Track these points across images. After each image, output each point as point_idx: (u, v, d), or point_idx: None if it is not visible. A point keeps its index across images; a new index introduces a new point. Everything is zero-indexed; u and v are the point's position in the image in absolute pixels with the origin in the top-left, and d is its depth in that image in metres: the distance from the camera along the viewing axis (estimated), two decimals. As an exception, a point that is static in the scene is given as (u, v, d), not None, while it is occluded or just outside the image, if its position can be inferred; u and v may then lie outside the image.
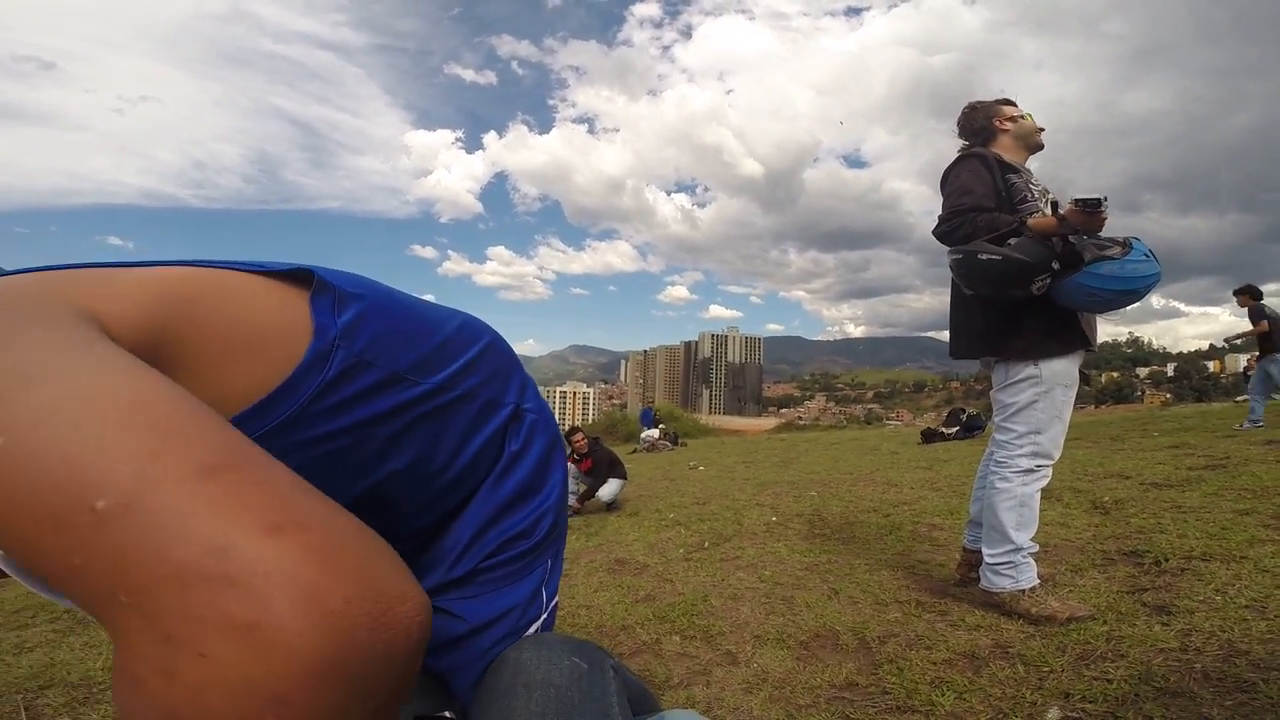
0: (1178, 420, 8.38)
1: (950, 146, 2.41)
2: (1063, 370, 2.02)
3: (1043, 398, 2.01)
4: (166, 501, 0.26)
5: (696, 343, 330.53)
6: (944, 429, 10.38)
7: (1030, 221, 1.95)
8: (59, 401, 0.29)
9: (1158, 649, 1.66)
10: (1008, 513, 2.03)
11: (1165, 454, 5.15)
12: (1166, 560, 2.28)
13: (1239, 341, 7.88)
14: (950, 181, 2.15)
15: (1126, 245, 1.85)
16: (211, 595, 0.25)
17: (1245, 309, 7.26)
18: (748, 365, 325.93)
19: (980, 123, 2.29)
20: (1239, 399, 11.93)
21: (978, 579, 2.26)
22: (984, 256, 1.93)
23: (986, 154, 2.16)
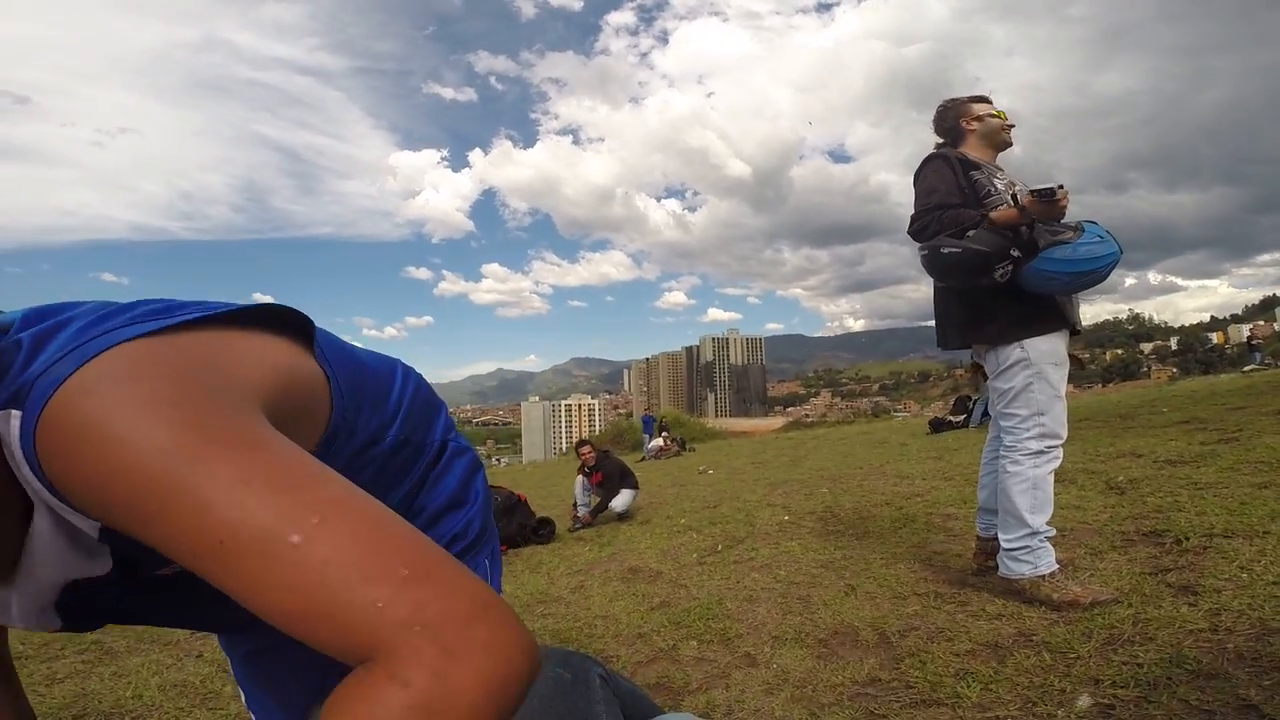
0: (1186, 395, 8.31)
1: (931, 137, 2.49)
2: (1049, 350, 2.06)
3: (1036, 379, 2.04)
4: (443, 569, 0.43)
5: (698, 347, 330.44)
6: (951, 417, 10.30)
7: (993, 215, 2.04)
8: (347, 496, 0.45)
9: (1187, 630, 1.62)
10: (1021, 496, 2.00)
11: (1176, 430, 5.10)
12: (1187, 539, 2.24)
13: None
14: (918, 183, 2.27)
15: (1079, 229, 1.96)
16: (484, 630, 0.41)
17: None
18: (750, 366, 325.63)
19: (950, 122, 2.39)
20: (1246, 369, 11.84)
21: (994, 567, 2.23)
22: (945, 250, 2.03)
23: (949, 154, 2.26)
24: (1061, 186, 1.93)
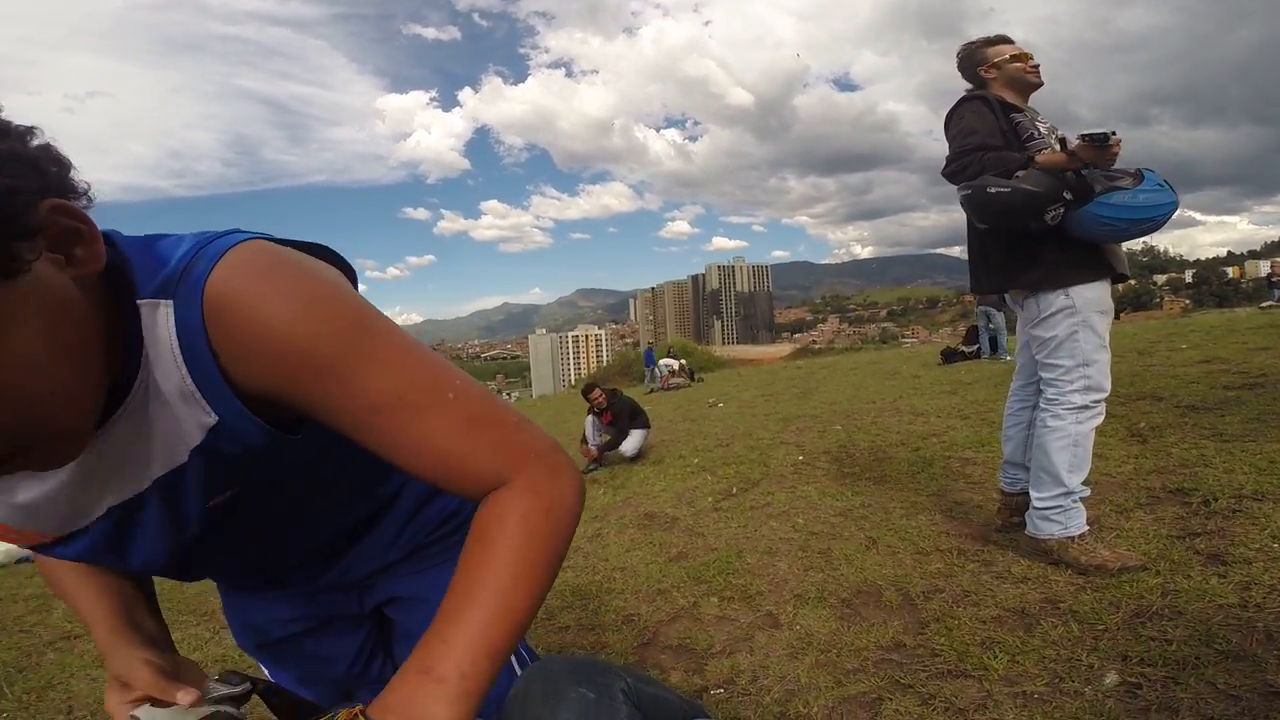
0: (1205, 330, 8.17)
1: (945, 66, 2.43)
2: (1096, 298, 1.97)
3: (1082, 328, 1.95)
4: (528, 421, 0.61)
5: (703, 275, 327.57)
6: (964, 347, 10.21)
7: (1039, 158, 1.95)
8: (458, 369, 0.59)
9: (1216, 605, 1.61)
10: (1060, 453, 1.95)
11: (1197, 370, 5.01)
12: (1215, 500, 2.21)
13: None
14: (954, 124, 2.16)
15: (1138, 176, 1.87)
16: (565, 459, 0.61)
17: None
18: (757, 293, 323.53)
19: (969, 73, 2.28)
20: (1264, 305, 11.58)
21: (1020, 524, 2.22)
22: (993, 189, 1.94)
23: (988, 95, 2.15)
24: (1115, 132, 1.82)
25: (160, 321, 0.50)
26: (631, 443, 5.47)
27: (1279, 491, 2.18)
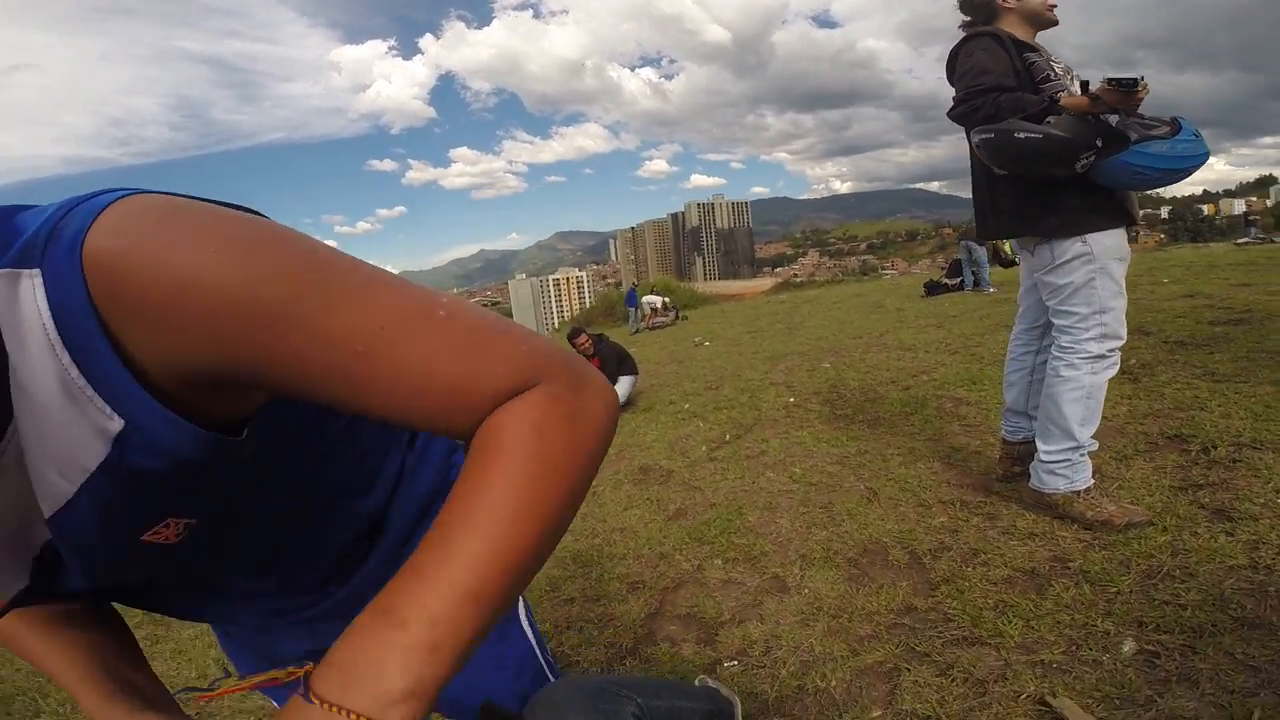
0: (1184, 265, 8.20)
1: (927, 6, 2.20)
2: (1114, 245, 1.91)
3: (1100, 275, 1.89)
4: (537, 333, 0.52)
5: (683, 213, 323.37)
6: (947, 280, 10.20)
7: (1063, 101, 1.85)
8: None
9: (1226, 565, 1.60)
10: (1073, 405, 1.91)
11: (1182, 305, 5.03)
12: (1215, 448, 2.21)
13: None
14: (962, 62, 2.03)
15: (1174, 125, 1.79)
16: (592, 372, 0.50)
17: None
18: (737, 229, 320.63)
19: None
20: (1239, 242, 11.69)
21: (1022, 474, 2.21)
22: (1021, 135, 1.83)
23: (999, 32, 2.01)
24: (1142, 78, 1.73)
25: (23, 297, 0.36)
26: (620, 390, 5.43)
27: (1278, 440, 2.18)
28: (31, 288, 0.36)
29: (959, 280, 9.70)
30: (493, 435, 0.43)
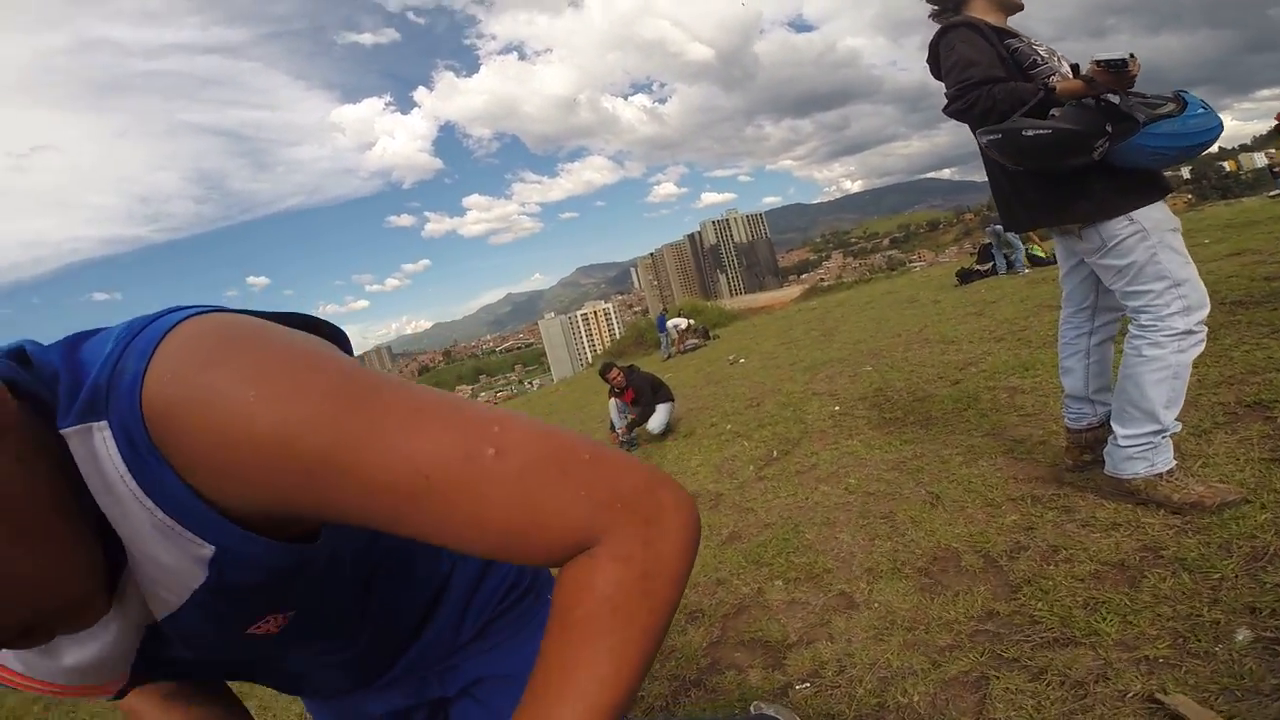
0: (1221, 225, 7.85)
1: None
2: (1163, 217, 1.80)
3: (1160, 248, 1.77)
4: (607, 449, 0.47)
5: (699, 233, 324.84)
6: (979, 266, 9.94)
7: (1058, 87, 1.78)
8: (490, 407, 0.47)
9: (1341, 538, 1.47)
10: (1157, 386, 1.78)
11: (1230, 265, 4.78)
12: (1302, 408, 2.05)
13: None
14: (945, 57, 1.96)
15: (1180, 101, 1.72)
16: (666, 494, 0.46)
17: None
18: (756, 241, 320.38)
19: None
20: (1271, 194, 11.18)
21: (1093, 461, 2.08)
22: (1030, 133, 1.76)
23: (974, 20, 1.95)
24: (1133, 55, 1.67)
25: (99, 453, 0.39)
26: (658, 419, 5.36)
27: (1373, 392, 2.02)
28: (104, 440, 0.39)
29: (990, 265, 9.46)
30: (568, 611, 0.44)
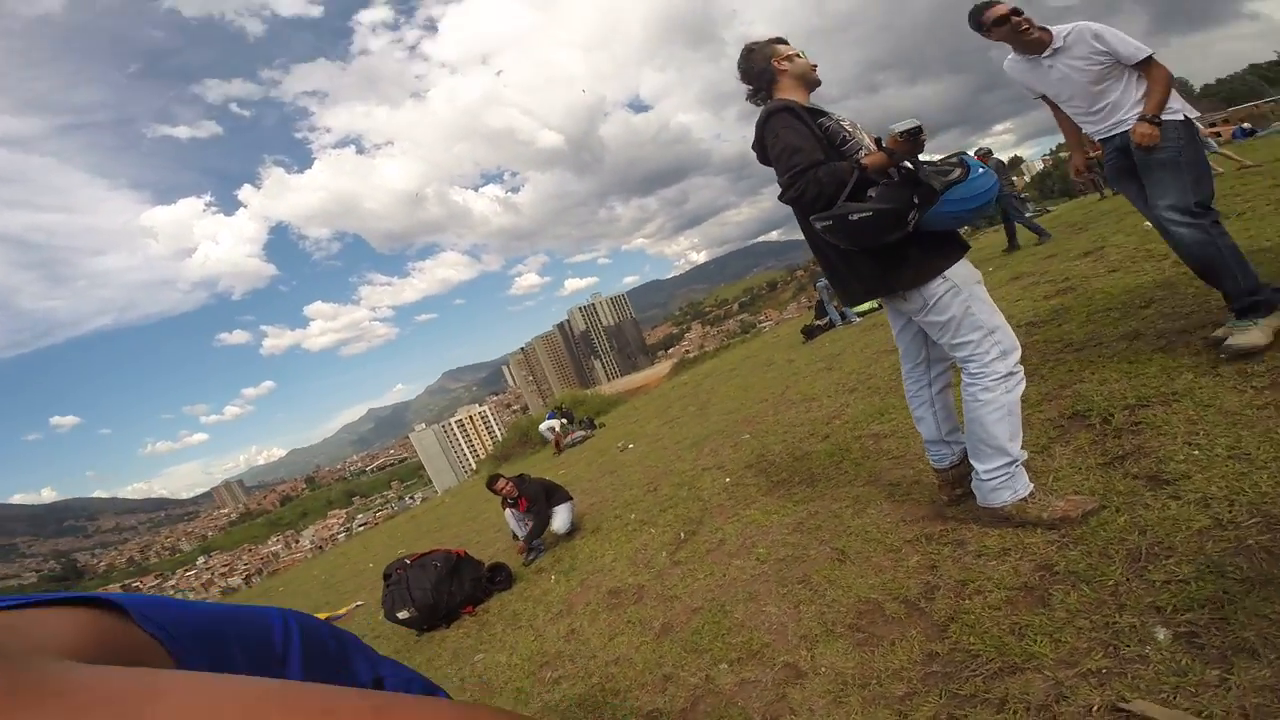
0: (996, 250, 9.31)
1: (712, 72, 2.45)
2: (968, 272, 2.09)
3: (972, 300, 2.05)
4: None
5: (568, 320, 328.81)
6: (818, 321, 10.83)
7: (866, 162, 2.01)
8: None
9: (1195, 530, 1.69)
10: (999, 424, 2.03)
11: (1013, 289, 5.61)
12: (1112, 415, 2.43)
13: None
14: (771, 144, 2.16)
15: (963, 165, 1.99)
16: None
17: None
18: (623, 322, 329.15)
19: (760, 65, 2.32)
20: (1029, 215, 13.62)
21: (964, 495, 2.32)
22: (855, 217, 1.96)
23: (789, 103, 2.18)
24: (920, 126, 1.91)
25: None
26: (560, 520, 5.23)
27: (1159, 395, 2.43)
28: None
29: (827, 319, 10.40)
30: None
